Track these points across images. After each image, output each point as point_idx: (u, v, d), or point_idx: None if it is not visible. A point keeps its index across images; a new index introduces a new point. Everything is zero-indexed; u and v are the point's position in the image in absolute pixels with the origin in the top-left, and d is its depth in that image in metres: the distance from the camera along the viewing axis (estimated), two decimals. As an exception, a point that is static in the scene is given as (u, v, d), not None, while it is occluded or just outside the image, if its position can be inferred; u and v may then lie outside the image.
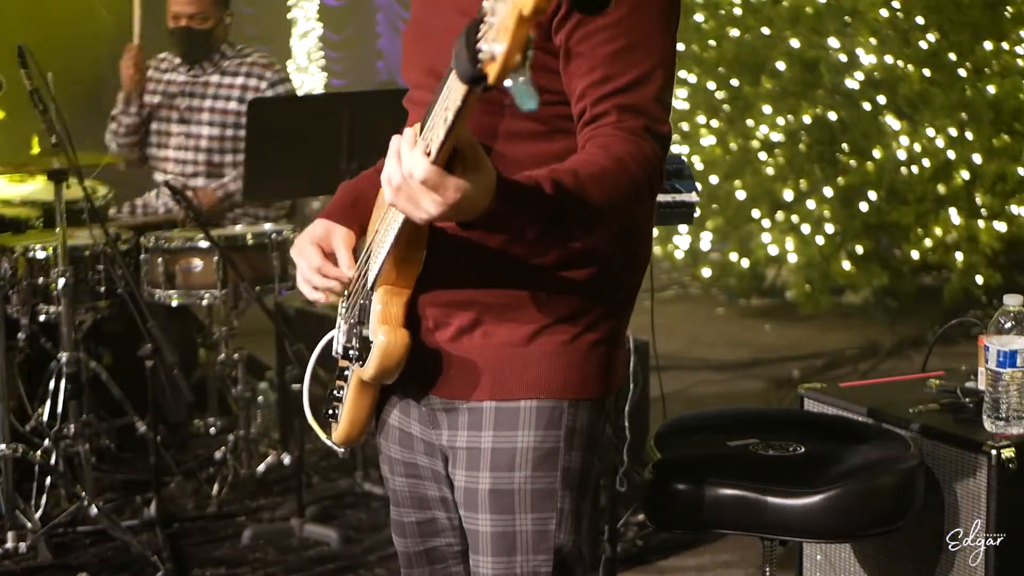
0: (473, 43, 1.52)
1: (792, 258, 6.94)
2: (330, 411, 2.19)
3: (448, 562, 2.21)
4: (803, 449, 2.66)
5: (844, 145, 6.88)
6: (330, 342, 2.22)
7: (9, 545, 3.89)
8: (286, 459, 4.57)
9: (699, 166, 7.17)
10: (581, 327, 1.99)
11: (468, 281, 1.99)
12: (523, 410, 1.98)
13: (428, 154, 1.67)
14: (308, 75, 13.93)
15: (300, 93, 8.36)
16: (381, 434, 2.21)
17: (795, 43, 6.87)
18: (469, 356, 2.00)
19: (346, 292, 2.12)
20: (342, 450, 2.22)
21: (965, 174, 6.52)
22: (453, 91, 1.62)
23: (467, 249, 1.95)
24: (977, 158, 6.45)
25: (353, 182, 2.25)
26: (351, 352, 2.08)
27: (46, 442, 4.23)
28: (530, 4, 1.44)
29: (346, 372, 2.14)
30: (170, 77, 5.02)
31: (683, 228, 7.23)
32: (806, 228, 6.86)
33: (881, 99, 6.68)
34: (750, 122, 7.04)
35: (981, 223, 6.48)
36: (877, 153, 6.68)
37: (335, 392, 2.17)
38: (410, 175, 1.68)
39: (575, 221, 1.82)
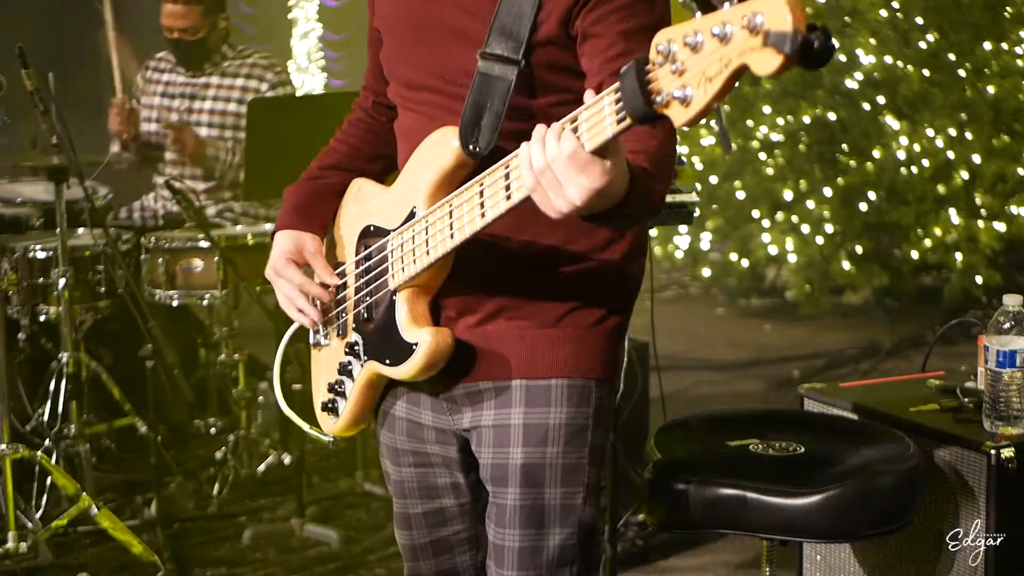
0: (644, 81, 1.56)
1: (792, 258, 6.94)
2: (329, 404, 2.20)
3: (454, 551, 2.23)
4: (803, 449, 2.66)
5: (844, 145, 6.88)
6: (297, 332, 2.27)
7: (10, 545, 3.89)
8: (286, 459, 4.57)
9: (699, 166, 7.17)
10: (603, 312, 2.06)
11: (493, 273, 2.04)
12: (554, 388, 2.04)
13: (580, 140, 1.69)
14: (308, 75, 13.93)
15: (300, 93, 8.35)
16: (384, 426, 2.22)
17: (795, 43, 6.87)
18: (494, 340, 2.04)
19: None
20: (331, 439, 2.24)
21: (965, 174, 6.52)
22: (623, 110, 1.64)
23: (493, 242, 1.99)
24: (977, 158, 6.45)
25: (300, 185, 2.28)
26: (358, 348, 2.11)
27: (47, 442, 4.24)
28: (769, 67, 1.46)
29: (349, 367, 2.15)
30: (169, 78, 5.00)
31: (683, 228, 7.23)
32: (806, 228, 6.86)
33: (881, 99, 6.69)
34: (750, 122, 7.04)
35: (981, 223, 6.48)
36: (877, 153, 6.68)
37: (335, 386, 2.18)
38: (557, 158, 1.69)
39: (655, 207, 1.90)
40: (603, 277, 2.06)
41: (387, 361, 2.07)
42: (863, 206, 6.73)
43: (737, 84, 1.56)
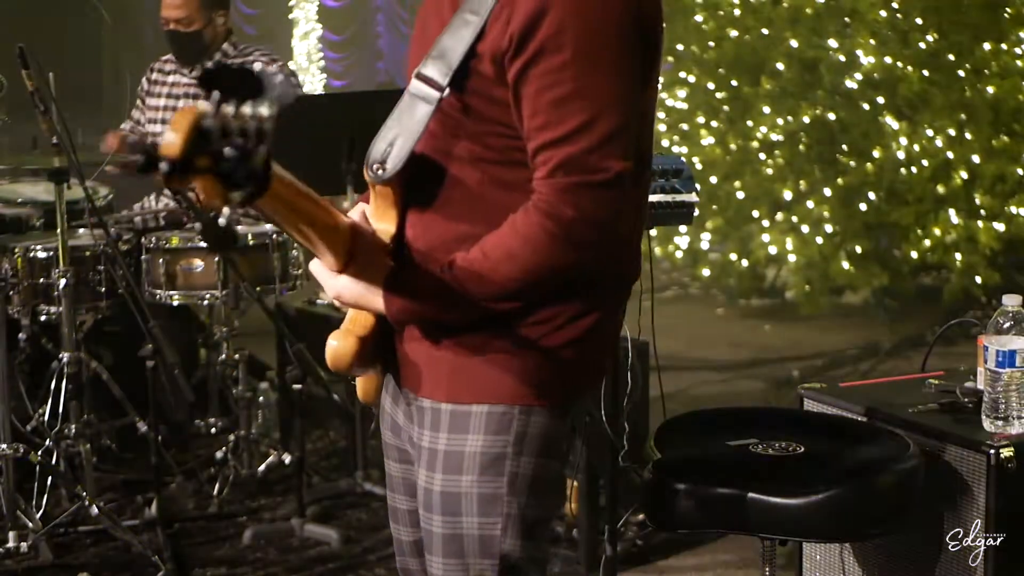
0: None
1: (792, 258, 6.95)
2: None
3: None
4: (803, 449, 2.66)
5: (844, 145, 6.89)
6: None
7: (10, 545, 3.89)
8: (287, 459, 4.58)
9: (699, 166, 7.18)
10: (539, 333, 1.96)
11: None
12: (474, 415, 1.97)
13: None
14: (308, 75, 13.94)
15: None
16: (381, 418, 2.23)
17: (795, 44, 6.88)
18: (435, 357, 2.00)
19: None
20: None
21: (964, 174, 6.53)
22: None
23: (418, 260, 1.97)
24: (976, 158, 6.46)
25: None
26: None
27: (47, 442, 4.24)
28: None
29: None
30: (174, 79, 5.01)
31: (683, 228, 7.24)
32: (806, 228, 6.86)
33: (880, 99, 6.69)
34: (750, 123, 7.05)
35: (980, 223, 6.48)
36: (876, 153, 6.69)
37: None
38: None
39: (481, 308, 1.91)
40: (543, 295, 1.95)
41: None
42: (863, 206, 6.74)
43: (736, 83, 1.56)
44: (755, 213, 7.14)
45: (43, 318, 4.33)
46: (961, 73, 6.55)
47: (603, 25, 1.84)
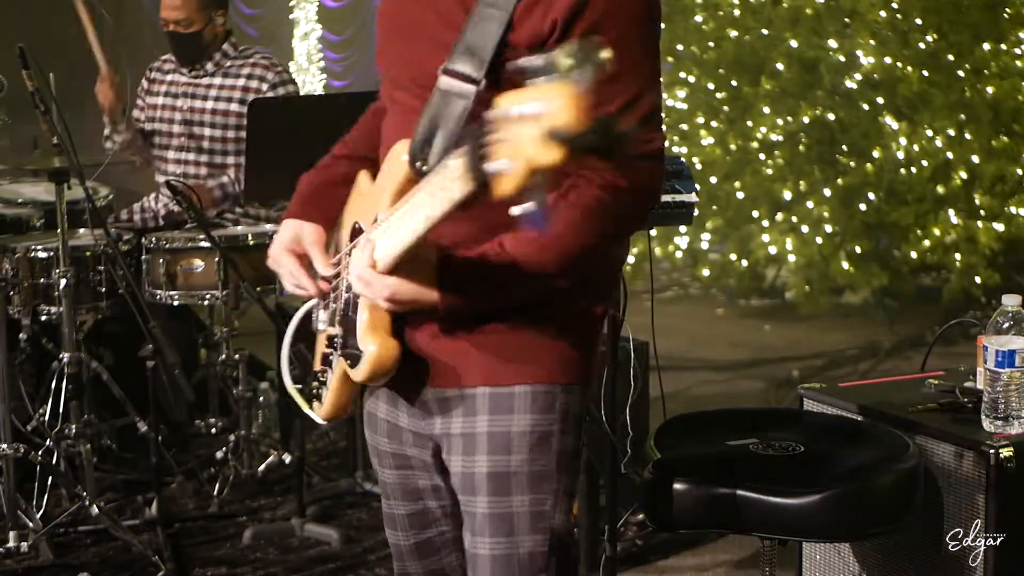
0: (478, 156, 1.58)
1: (792, 258, 6.95)
2: (313, 391, 2.21)
3: (440, 553, 2.23)
4: (803, 449, 2.67)
5: (843, 146, 6.89)
6: (306, 317, 2.27)
7: (11, 545, 3.89)
8: (287, 459, 4.58)
9: (699, 166, 7.18)
10: (568, 316, 2.04)
11: None
12: (518, 395, 2.02)
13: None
14: (309, 76, 13.93)
15: (300, 94, 8.34)
16: (369, 426, 2.23)
17: (795, 44, 6.88)
18: (460, 345, 2.03)
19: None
20: (325, 422, 2.26)
21: (964, 175, 6.53)
22: (437, 199, 1.72)
23: (455, 250, 1.98)
24: (976, 159, 6.46)
25: (312, 174, 2.27)
26: (336, 341, 2.12)
27: (47, 442, 4.24)
28: (542, 161, 1.49)
29: (330, 358, 2.16)
30: (173, 78, 5.00)
31: (683, 228, 7.23)
32: (806, 228, 6.86)
33: (880, 100, 6.69)
34: (749, 123, 7.05)
35: (980, 223, 6.49)
36: (876, 154, 6.69)
37: (319, 376, 2.19)
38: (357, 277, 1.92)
39: (544, 281, 1.96)
40: (558, 291, 2.03)
41: (349, 362, 2.07)
42: (863, 206, 6.74)
43: (736, 84, 1.59)
44: (755, 213, 7.14)
45: (43, 318, 4.33)
46: (961, 73, 6.55)
47: (639, 10, 1.95)
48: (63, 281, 4.05)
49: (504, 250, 1.93)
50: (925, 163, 6.55)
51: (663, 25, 2.05)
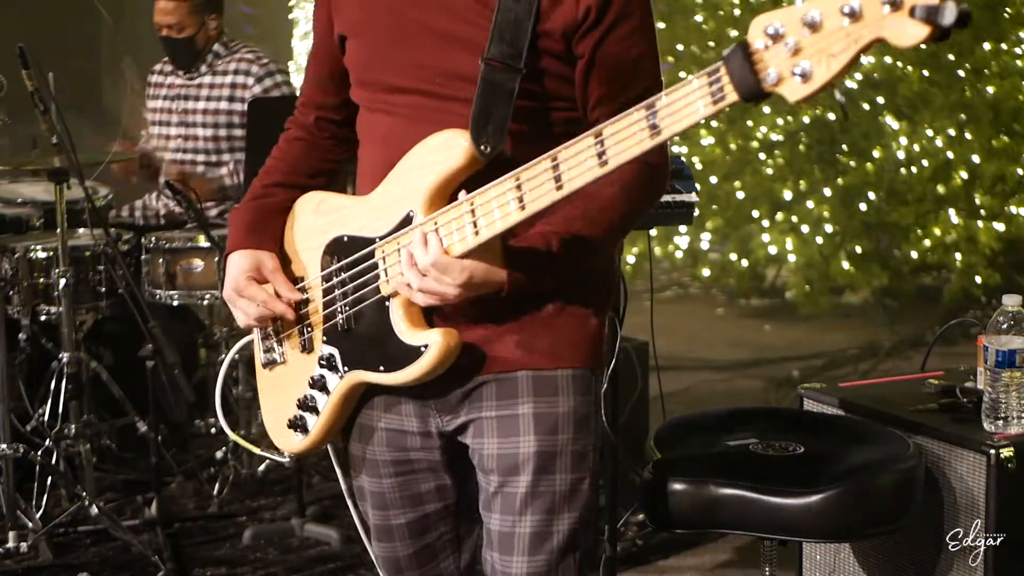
0: (751, 61, 1.65)
1: (792, 258, 6.94)
2: (297, 421, 2.20)
3: (438, 557, 2.25)
4: (803, 449, 2.67)
5: (844, 145, 6.89)
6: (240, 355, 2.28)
7: (10, 545, 3.89)
8: (287, 459, 4.57)
9: (699, 166, 7.18)
10: (593, 306, 2.12)
11: None
12: (560, 378, 2.09)
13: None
14: (308, 75, 13.91)
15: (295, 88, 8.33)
16: (359, 440, 2.22)
17: (794, 43, 6.88)
18: (493, 335, 2.07)
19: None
20: (288, 459, 2.27)
21: (964, 174, 6.53)
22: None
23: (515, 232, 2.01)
24: (976, 158, 6.46)
25: (248, 205, 2.28)
26: (334, 361, 2.12)
27: (47, 442, 4.24)
28: (913, 38, 1.54)
29: (323, 381, 2.15)
30: (170, 81, 5.02)
31: (683, 228, 7.23)
32: (806, 228, 6.86)
33: (880, 99, 6.69)
34: (750, 123, 7.05)
35: (980, 223, 6.48)
36: (876, 153, 6.69)
37: (306, 401, 2.18)
38: (427, 267, 1.93)
39: (590, 256, 2.06)
40: (591, 272, 2.13)
41: (381, 368, 2.06)
42: (863, 206, 6.73)
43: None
44: (755, 213, 7.14)
45: (43, 318, 4.33)
46: (961, 73, 6.55)
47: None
48: (62, 281, 4.05)
49: (557, 228, 2.00)
50: (925, 163, 6.55)
51: (663, 25, 2.09)
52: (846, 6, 1.56)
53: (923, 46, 1.52)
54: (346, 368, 2.11)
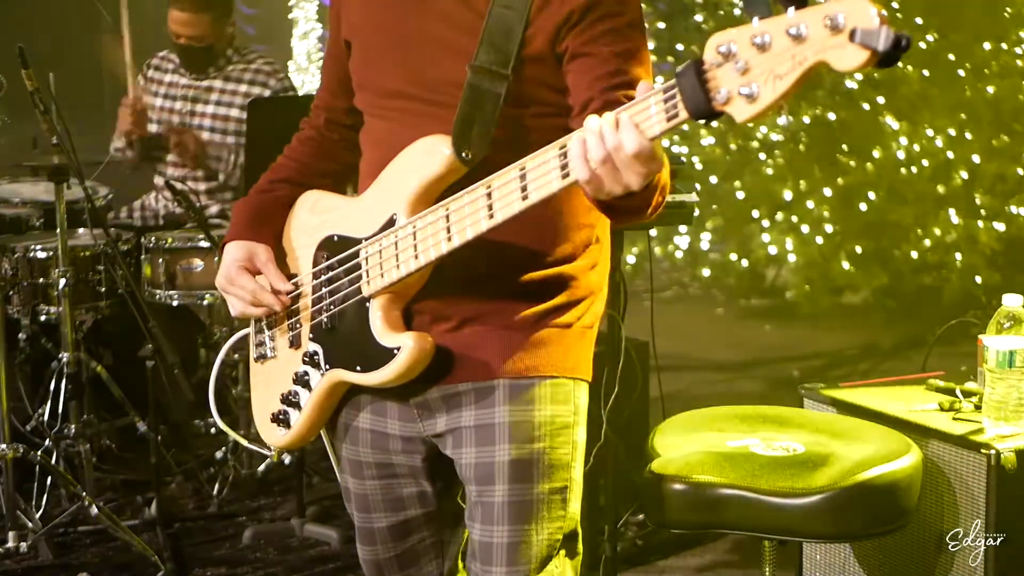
0: (703, 79, 1.64)
1: (792, 258, 6.94)
2: (280, 416, 2.20)
3: (420, 561, 2.25)
4: (803, 449, 2.67)
5: (844, 145, 6.89)
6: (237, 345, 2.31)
7: (10, 545, 3.89)
8: (286, 459, 4.57)
9: (699, 166, 7.18)
10: (578, 314, 2.11)
11: (467, 277, 2.05)
12: (538, 387, 2.07)
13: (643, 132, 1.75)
14: (308, 75, 13.93)
15: (300, 93, 8.34)
16: (346, 440, 2.22)
17: (794, 43, 6.88)
18: (472, 342, 2.06)
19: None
20: (271, 453, 2.28)
21: (964, 174, 6.53)
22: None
23: (468, 248, 1.98)
24: (976, 158, 6.46)
25: (251, 198, 2.32)
26: (317, 358, 2.13)
27: (47, 442, 4.24)
28: (852, 63, 1.55)
29: (306, 377, 2.16)
30: (172, 79, 4.97)
31: (683, 228, 7.23)
32: (806, 228, 6.86)
33: (881, 99, 6.69)
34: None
35: (980, 223, 6.48)
36: (876, 153, 6.69)
37: (289, 396, 2.18)
38: (618, 149, 1.74)
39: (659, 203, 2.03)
40: (576, 279, 2.11)
41: (357, 368, 2.07)
42: (863, 206, 6.73)
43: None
44: (755, 213, 7.14)
45: (43, 318, 4.32)
46: (961, 73, 6.55)
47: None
48: (62, 281, 4.04)
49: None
50: (925, 163, 6.55)
51: (663, 25, 2.09)
52: (792, 28, 1.55)
53: (923, 45, 1.52)
54: (327, 366, 2.12)
